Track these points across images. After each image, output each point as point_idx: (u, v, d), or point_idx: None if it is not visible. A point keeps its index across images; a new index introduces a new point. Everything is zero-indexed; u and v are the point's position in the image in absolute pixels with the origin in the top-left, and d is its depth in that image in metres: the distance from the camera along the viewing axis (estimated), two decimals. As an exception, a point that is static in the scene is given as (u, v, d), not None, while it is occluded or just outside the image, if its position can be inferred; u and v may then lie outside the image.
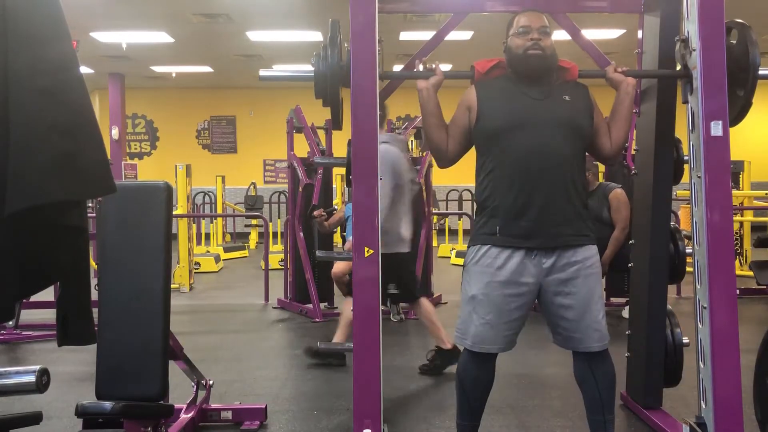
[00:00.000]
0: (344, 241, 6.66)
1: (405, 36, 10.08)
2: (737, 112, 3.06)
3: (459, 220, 12.02)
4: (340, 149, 4.36)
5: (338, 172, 9.40)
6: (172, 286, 7.08)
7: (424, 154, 6.97)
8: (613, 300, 6.55)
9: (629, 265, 3.77)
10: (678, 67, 3.17)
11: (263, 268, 7.62)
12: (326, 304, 6.78)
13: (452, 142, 2.92)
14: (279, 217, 12.57)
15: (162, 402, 2.96)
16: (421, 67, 3.06)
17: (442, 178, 8.14)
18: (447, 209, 13.12)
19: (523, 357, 4.87)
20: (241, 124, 15.59)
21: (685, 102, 3.11)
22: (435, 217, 9.84)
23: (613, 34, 10.06)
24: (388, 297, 4.60)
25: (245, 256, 11.59)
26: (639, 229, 3.71)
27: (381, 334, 2.86)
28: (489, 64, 3.00)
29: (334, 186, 8.85)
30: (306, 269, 6.52)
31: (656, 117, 3.47)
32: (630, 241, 3.82)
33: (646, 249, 3.58)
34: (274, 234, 12.31)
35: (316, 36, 10.08)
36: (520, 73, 2.86)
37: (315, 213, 5.93)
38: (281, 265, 7.95)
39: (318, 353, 4.78)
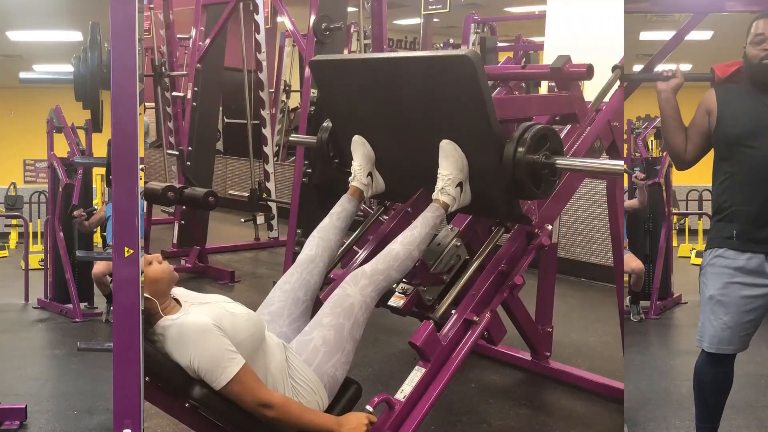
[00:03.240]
0: (104, 241, 6.77)
1: (645, 36, 9.60)
2: None
3: (699, 220, 11.38)
4: (100, 149, 4.48)
5: (98, 172, 9.34)
6: None
7: (664, 154, 6.75)
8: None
9: None
10: None
11: (23, 268, 7.50)
12: (86, 304, 6.66)
13: (690, 145, 2.90)
14: (39, 217, 12.19)
15: None
16: (661, 69, 3.00)
17: (682, 178, 7.92)
18: (687, 209, 12.13)
19: (764, 356, 4.67)
20: (1, 123, 14.84)
21: None
22: (675, 217, 9.48)
23: None
24: None
25: (5, 256, 11.13)
26: None
27: (141, 335, 2.83)
28: (729, 69, 2.95)
29: (94, 186, 8.80)
30: (66, 269, 6.46)
31: None
32: None
33: None
34: (35, 234, 11.93)
35: (77, 36, 9.94)
36: (757, 82, 2.80)
37: (75, 213, 6.00)
38: (41, 265, 7.86)
39: None
